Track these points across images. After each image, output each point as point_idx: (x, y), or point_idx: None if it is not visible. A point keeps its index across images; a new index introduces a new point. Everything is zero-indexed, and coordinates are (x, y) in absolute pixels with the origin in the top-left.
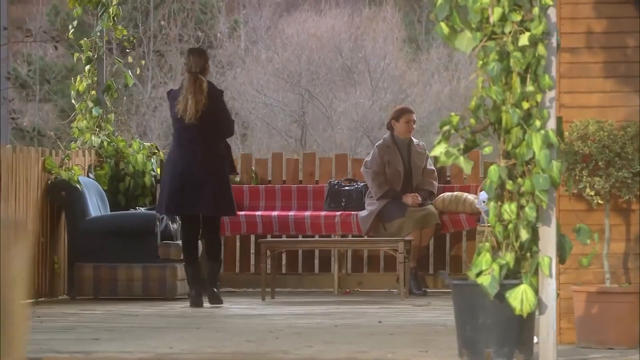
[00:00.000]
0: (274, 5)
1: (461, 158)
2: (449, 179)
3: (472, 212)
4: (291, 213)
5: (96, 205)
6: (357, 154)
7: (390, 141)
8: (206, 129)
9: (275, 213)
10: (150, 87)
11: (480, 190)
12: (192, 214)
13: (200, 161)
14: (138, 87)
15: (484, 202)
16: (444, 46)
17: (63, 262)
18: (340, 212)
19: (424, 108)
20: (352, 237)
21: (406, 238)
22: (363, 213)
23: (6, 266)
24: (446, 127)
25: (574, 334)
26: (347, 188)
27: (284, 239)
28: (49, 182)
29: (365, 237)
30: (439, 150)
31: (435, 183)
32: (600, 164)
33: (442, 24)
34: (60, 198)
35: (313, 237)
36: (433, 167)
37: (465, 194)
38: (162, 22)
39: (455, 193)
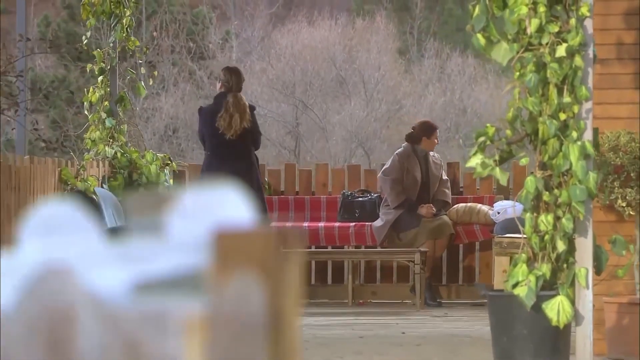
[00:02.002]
0: (266, 16)
1: (497, 169)
2: (461, 189)
3: (486, 223)
4: (305, 224)
5: (111, 216)
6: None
7: (410, 150)
8: (243, 143)
9: (289, 224)
10: (142, 97)
11: (496, 201)
12: None
13: (240, 173)
14: (130, 98)
15: (498, 212)
16: (436, 57)
17: None
18: (354, 223)
19: (418, 119)
20: (365, 247)
21: (421, 249)
22: (378, 222)
23: (282, 274)
24: (482, 139)
25: (605, 345)
26: (360, 199)
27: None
28: (65, 192)
29: (379, 248)
30: (475, 161)
31: (449, 192)
32: (632, 175)
33: (479, 35)
34: None
35: (327, 247)
36: (447, 177)
37: (479, 205)
38: (154, 33)
39: (469, 204)
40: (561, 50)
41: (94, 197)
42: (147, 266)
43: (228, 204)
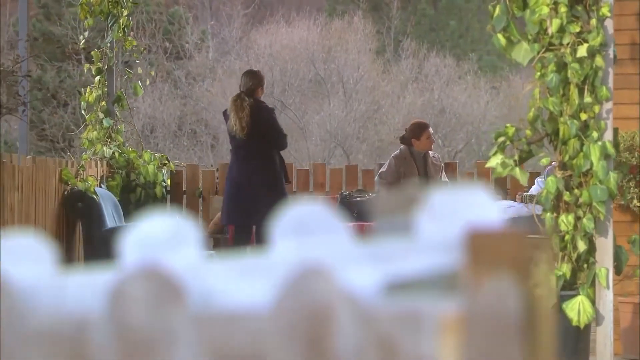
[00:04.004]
0: (243, 16)
1: (517, 169)
2: None
3: None
4: None
5: (111, 216)
6: (330, 164)
7: (407, 153)
8: (258, 144)
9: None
10: (138, 97)
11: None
12: (246, 224)
13: (255, 174)
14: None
15: None
16: (413, 57)
17: None
18: (352, 223)
19: (397, 120)
20: None
21: None
22: None
23: (536, 275)
24: (502, 139)
25: (620, 345)
26: (358, 199)
27: None
28: (65, 192)
29: None
30: (495, 161)
31: None
32: None
33: (499, 35)
34: (76, 209)
35: None
36: (447, 179)
37: None
38: (131, 33)
39: None
40: (582, 51)
41: (95, 197)
42: (398, 266)
43: (478, 204)
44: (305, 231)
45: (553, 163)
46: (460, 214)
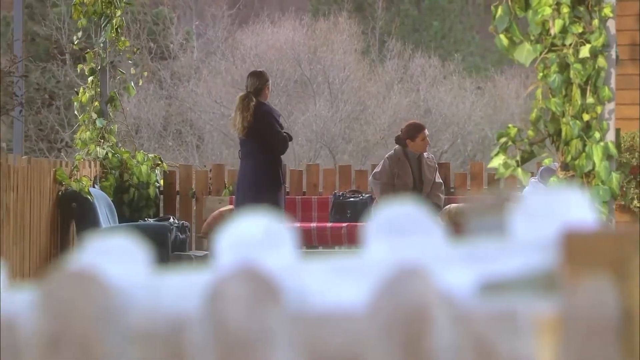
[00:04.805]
0: (228, 17)
1: (519, 170)
2: (452, 190)
3: None
4: (297, 224)
5: (105, 216)
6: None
7: (401, 153)
8: (256, 144)
9: None
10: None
11: None
12: None
13: (246, 173)
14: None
15: None
16: (398, 57)
17: None
18: (346, 224)
19: (383, 120)
20: (358, 248)
21: None
22: None
23: (635, 276)
24: (504, 139)
25: None
26: (352, 199)
27: None
28: (60, 193)
29: None
30: (497, 161)
31: (442, 196)
32: None
33: (502, 36)
34: (71, 209)
35: (318, 248)
36: (441, 180)
37: None
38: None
39: (461, 204)
40: (585, 51)
41: (89, 197)
42: (492, 266)
43: (573, 204)
44: (399, 231)
45: (555, 164)
46: (555, 213)
